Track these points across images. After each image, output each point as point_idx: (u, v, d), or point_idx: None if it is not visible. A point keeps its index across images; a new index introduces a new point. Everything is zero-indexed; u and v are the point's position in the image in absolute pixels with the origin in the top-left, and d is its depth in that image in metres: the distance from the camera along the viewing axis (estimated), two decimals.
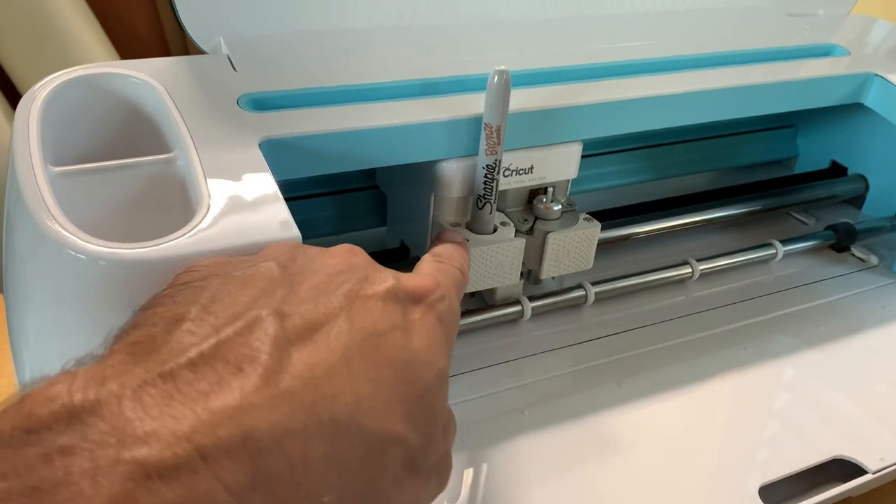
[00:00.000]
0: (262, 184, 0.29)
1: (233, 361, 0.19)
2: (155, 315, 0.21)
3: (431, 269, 0.28)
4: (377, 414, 0.21)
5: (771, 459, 0.35)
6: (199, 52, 0.40)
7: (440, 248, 0.30)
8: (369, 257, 0.25)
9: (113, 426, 0.17)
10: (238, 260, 0.24)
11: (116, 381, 0.18)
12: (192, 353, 0.19)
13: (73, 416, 0.17)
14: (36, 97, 0.32)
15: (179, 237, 0.26)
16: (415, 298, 0.24)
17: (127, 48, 0.88)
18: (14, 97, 0.83)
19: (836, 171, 0.58)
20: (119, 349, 0.20)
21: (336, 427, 0.19)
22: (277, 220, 0.27)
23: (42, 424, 0.16)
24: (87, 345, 0.21)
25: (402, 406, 0.21)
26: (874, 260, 0.51)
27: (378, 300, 0.22)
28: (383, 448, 0.21)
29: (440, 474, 0.25)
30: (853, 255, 0.52)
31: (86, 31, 0.83)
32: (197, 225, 0.26)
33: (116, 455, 0.16)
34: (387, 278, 0.23)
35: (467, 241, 0.36)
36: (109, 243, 0.25)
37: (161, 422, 0.17)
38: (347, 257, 0.24)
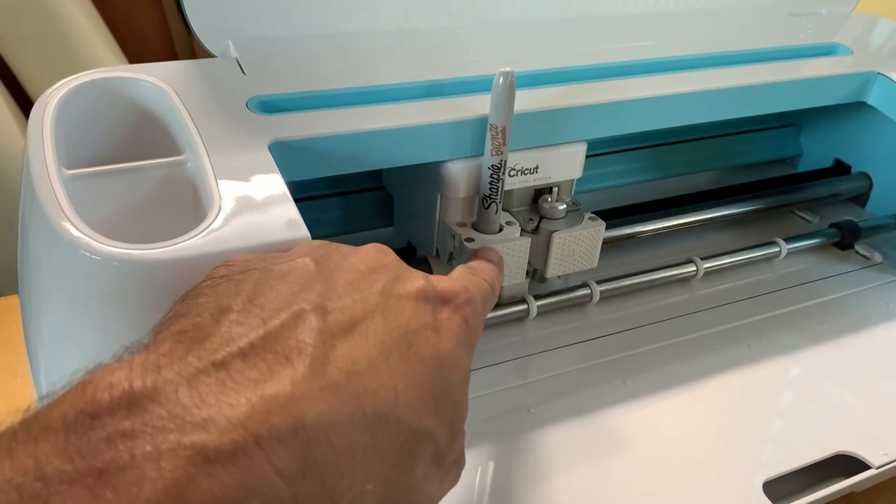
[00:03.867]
0: (272, 185, 0.30)
1: (281, 352, 0.19)
2: (198, 305, 0.21)
3: (461, 276, 0.28)
4: (412, 408, 0.21)
5: (775, 455, 0.35)
6: (207, 55, 0.40)
7: (475, 262, 0.31)
8: (397, 257, 0.26)
9: (171, 412, 0.17)
10: (272, 256, 0.25)
11: (171, 369, 0.18)
12: (243, 343, 0.19)
13: (134, 402, 0.17)
14: (49, 101, 0.33)
15: (192, 238, 0.26)
16: (444, 300, 0.25)
17: (135, 51, 0.89)
18: (23, 100, 0.84)
19: (840, 169, 0.58)
20: (167, 337, 0.20)
21: (377, 419, 0.20)
22: (287, 220, 0.28)
23: (104, 410, 0.17)
24: (102, 344, 0.21)
25: (433, 402, 0.22)
26: (878, 257, 0.51)
27: (410, 299, 0.23)
28: (417, 441, 0.22)
29: (457, 469, 0.26)
30: (857, 252, 0.52)
31: (94, 35, 0.83)
32: (209, 226, 0.27)
33: (177, 440, 0.17)
34: (417, 278, 0.24)
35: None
36: (123, 244, 0.26)
37: (217, 409, 0.17)
38: (378, 256, 0.25)
